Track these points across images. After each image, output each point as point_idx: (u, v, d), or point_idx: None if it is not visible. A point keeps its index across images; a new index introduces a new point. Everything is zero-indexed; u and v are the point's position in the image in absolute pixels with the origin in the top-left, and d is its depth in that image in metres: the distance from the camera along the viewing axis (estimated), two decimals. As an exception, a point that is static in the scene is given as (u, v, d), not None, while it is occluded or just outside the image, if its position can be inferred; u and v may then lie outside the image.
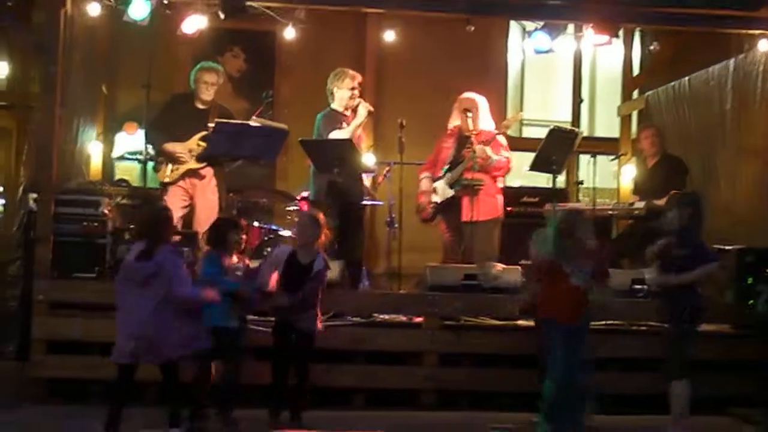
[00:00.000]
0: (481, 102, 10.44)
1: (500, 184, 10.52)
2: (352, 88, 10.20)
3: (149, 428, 7.35)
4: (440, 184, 10.35)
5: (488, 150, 10.08)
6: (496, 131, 10.30)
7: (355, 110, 10.18)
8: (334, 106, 10.25)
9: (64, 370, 8.76)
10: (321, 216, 8.22)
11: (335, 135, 9.95)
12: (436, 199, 10.37)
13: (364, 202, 10.72)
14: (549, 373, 7.39)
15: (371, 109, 10.18)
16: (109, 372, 8.05)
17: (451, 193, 10.27)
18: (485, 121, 10.38)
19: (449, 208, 10.25)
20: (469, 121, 10.26)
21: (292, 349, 7.89)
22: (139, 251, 7.27)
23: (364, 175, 10.63)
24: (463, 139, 10.35)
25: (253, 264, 8.31)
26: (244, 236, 8.06)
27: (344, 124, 10.10)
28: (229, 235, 7.79)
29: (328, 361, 8.55)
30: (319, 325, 8.02)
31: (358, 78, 10.29)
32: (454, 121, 10.48)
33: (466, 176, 10.03)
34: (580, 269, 7.36)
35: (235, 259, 7.84)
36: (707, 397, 7.63)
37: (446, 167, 10.37)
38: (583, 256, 7.39)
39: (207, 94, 10.30)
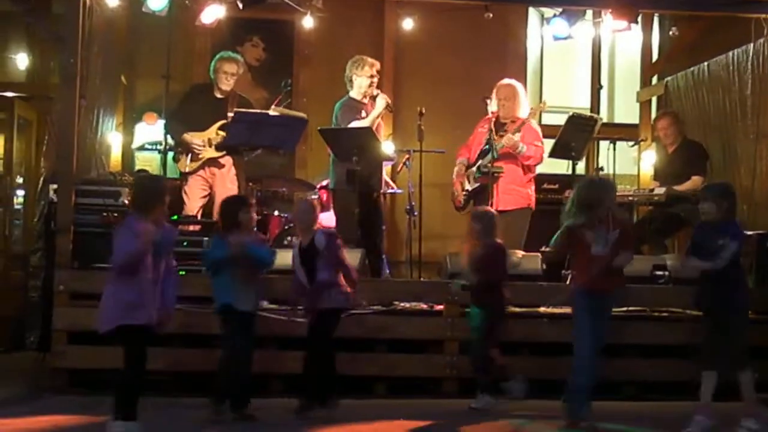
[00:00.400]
0: (519, 88, 10.46)
1: (532, 174, 10.48)
2: (371, 76, 10.20)
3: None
4: (472, 171, 10.33)
5: (516, 137, 10.06)
6: (527, 118, 10.28)
7: (374, 99, 10.18)
8: (353, 94, 10.24)
9: (84, 360, 8.74)
10: (314, 202, 8.32)
11: (355, 125, 9.95)
12: (468, 186, 10.35)
13: (384, 191, 10.71)
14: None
15: (389, 101, 10.16)
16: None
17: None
18: (523, 108, 10.37)
19: (481, 196, 10.20)
20: (508, 106, 10.25)
21: (316, 331, 7.81)
22: None
23: (384, 164, 10.61)
24: (499, 125, 10.32)
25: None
26: (255, 214, 7.92)
27: (363, 113, 10.10)
28: (240, 214, 7.67)
29: (350, 349, 8.55)
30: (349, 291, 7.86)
31: (377, 65, 10.28)
32: (492, 107, 10.43)
33: (486, 164, 10.02)
34: (602, 237, 7.33)
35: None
36: (727, 383, 7.58)
37: (479, 153, 10.32)
38: (605, 223, 7.35)
39: (226, 84, 10.32)
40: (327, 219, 10.24)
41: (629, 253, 7.46)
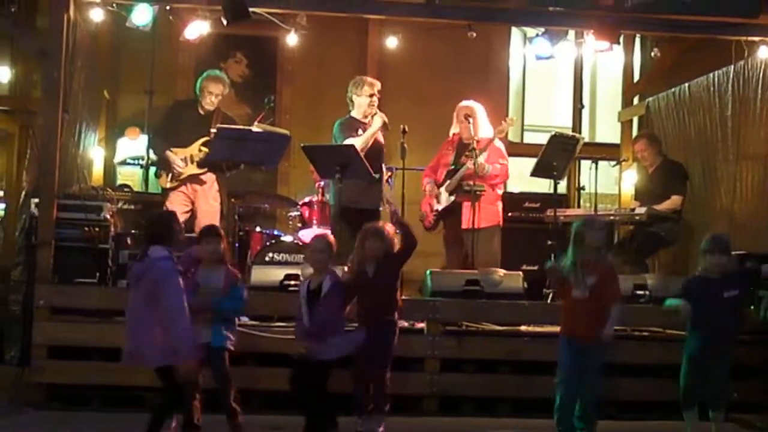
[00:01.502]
0: (479, 109, 10.51)
1: (500, 191, 10.57)
2: (370, 95, 10.20)
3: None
4: (441, 191, 10.41)
5: (481, 159, 10.13)
6: (492, 137, 10.35)
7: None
8: (354, 113, 10.25)
9: (64, 375, 8.72)
10: (329, 238, 7.90)
11: (349, 142, 9.97)
12: (438, 206, 10.42)
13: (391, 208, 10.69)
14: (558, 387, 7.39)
15: (386, 120, 10.15)
16: (108, 378, 8.10)
17: (451, 199, 10.33)
18: (484, 128, 10.43)
19: (451, 214, 10.31)
20: (470, 128, 10.30)
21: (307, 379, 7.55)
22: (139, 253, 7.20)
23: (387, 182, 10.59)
24: (462, 146, 10.42)
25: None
26: (223, 245, 7.62)
27: (360, 131, 10.11)
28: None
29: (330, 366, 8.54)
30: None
31: (377, 85, 10.28)
32: (454, 129, 10.55)
33: (468, 182, 10.07)
34: (583, 280, 7.29)
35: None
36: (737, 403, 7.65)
37: (446, 174, 10.42)
38: (588, 266, 7.29)
39: (210, 103, 10.33)
40: (307, 235, 10.22)
41: (617, 305, 7.39)
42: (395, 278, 7.97)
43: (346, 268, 8.12)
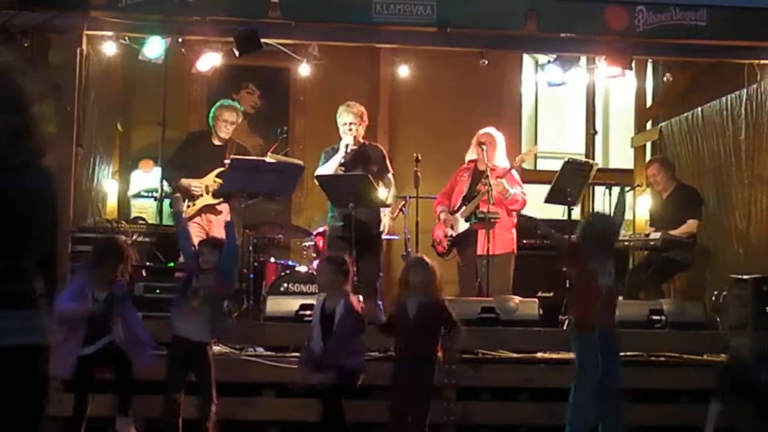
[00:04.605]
0: (498, 138, 10.53)
1: (514, 219, 10.57)
2: (344, 123, 10.16)
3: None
4: (457, 217, 10.41)
5: (505, 183, 10.14)
6: (511, 166, 10.37)
7: (358, 145, 10.23)
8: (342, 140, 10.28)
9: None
10: (339, 259, 7.74)
11: (320, 170, 10.03)
12: (452, 233, 10.42)
13: (383, 237, 10.70)
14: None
15: (348, 144, 10.13)
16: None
17: (466, 226, 10.33)
18: (500, 158, 10.45)
19: (465, 241, 10.31)
20: (485, 155, 10.31)
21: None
22: None
23: (383, 210, 10.58)
24: (478, 174, 10.42)
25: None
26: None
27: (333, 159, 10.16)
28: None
29: (350, 397, 8.51)
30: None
31: (356, 114, 10.17)
32: (471, 155, 10.55)
33: (482, 209, 10.07)
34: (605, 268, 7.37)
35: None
36: (724, 428, 7.56)
37: (461, 201, 10.42)
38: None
39: (225, 132, 10.37)
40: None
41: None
42: (436, 330, 7.57)
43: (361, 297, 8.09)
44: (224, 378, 7.87)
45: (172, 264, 10.05)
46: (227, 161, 10.03)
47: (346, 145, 10.10)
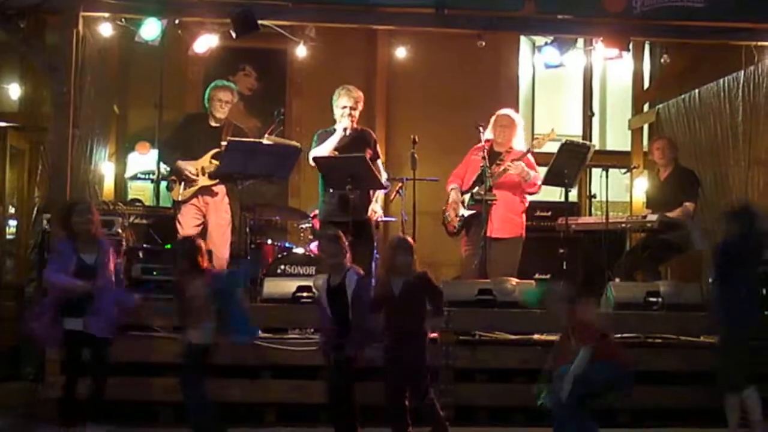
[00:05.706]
0: (518, 120, 10.51)
1: (526, 203, 10.57)
2: (343, 107, 10.08)
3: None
4: (468, 198, 10.35)
5: (524, 165, 10.13)
6: (528, 150, 10.34)
7: (353, 129, 10.17)
8: (336, 123, 10.22)
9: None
10: (338, 233, 7.86)
11: (314, 151, 10.00)
12: (464, 212, 10.36)
13: (377, 218, 10.66)
14: None
15: (346, 127, 10.09)
16: (122, 392, 8.09)
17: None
18: (519, 140, 10.42)
19: (475, 222, 10.23)
20: (504, 136, 10.29)
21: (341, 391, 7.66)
22: None
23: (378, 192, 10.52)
24: (494, 154, 10.35)
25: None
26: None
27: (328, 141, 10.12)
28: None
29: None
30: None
31: (355, 99, 10.08)
32: (488, 135, 10.46)
33: (480, 192, 10.05)
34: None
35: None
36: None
37: (475, 179, 10.34)
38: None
39: (221, 111, 10.32)
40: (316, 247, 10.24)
41: None
42: (422, 305, 7.68)
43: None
44: (220, 360, 7.86)
45: (169, 246, 10.03)
46: (224, 143, 10.00)
47: (344, 129, 10.05)
